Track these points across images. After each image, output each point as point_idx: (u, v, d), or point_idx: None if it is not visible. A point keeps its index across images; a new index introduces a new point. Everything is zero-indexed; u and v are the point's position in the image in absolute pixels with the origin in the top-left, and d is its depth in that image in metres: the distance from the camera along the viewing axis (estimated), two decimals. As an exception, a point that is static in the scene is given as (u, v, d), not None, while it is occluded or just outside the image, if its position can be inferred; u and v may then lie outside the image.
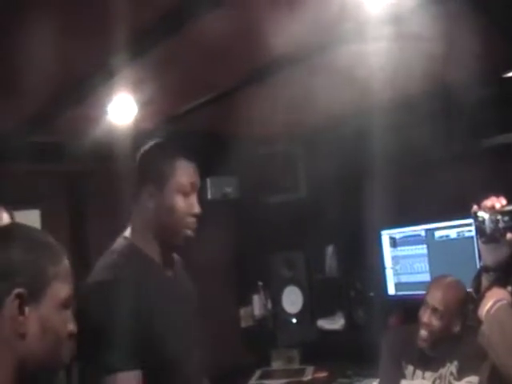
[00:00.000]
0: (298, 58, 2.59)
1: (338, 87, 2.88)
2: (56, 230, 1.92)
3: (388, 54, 2.52)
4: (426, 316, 2.83)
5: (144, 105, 2.82)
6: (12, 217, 2.49)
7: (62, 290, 1.38)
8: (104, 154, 3.26)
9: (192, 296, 2.20)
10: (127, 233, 2.06)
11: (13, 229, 1.47)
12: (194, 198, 2.03)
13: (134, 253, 2.00)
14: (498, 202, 1.88)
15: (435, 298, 2.83)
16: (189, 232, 2.02)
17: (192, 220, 2.02)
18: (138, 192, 2.03)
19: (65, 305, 1.39)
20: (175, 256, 2.22)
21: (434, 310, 2.80)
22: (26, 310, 1.30)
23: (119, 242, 2.04)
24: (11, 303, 1.28)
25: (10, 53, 2.13)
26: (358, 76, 2.75)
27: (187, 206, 2.00)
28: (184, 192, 2.00)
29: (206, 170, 4.04)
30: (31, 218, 3.39)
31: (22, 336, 1.30)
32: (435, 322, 2.80)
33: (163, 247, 2.04)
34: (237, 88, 2.88)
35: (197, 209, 2.03)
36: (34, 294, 1.32)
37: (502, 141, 3.28)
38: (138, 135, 3.20)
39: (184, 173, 2.01)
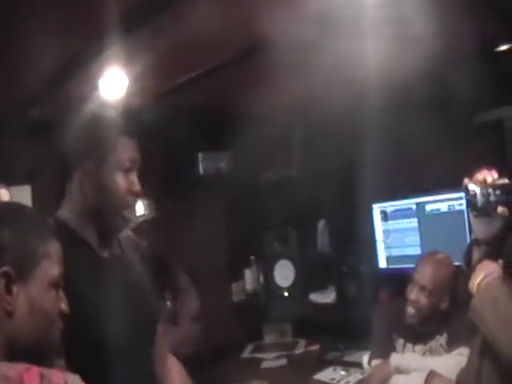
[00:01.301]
0: (293, 35, 2.58)
1: (333, 66, 2.88)
2: (47, 206, 1.91)
3: (382, 35, 2.51)
4: (413, 293, 2.83)
5: (136, 80, 2.81)
6: (9, 193, 2.48)
7: (51, 269, 1.38)
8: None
9: (135, 281, 2.01)
10: (58, 211, 1.92)
11: (3, 208, 1.47)
12: (134, 175, 1.90)
13: (59, 231, 1.76)
14: (490, 176, 1.89)
15: (423, 275, 2.83)
16: (128, 213, 1.91)
17: (132, 199, 1.91)
18: (71, 170, 1.89)
19: (54, 284, 1.39)
20: (125, 237, 2.09)
21: (422, 288, 2.81)
22: (14, 288, 1.30)
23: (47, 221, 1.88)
24: None
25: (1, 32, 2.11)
26: (352, 55, 2.74)
27: (127, 183, 1.87)
28: (123, 169, 1.86)
29: (198, 144, 4.08)
30: (22, 193, 3.38)
31: (10, 314, 1.30)
32: (423, 300, 2.81)
33: (98, 227, 1.90)
34: (230, 63, 2.86)
35: (137, 187, 1.90)
36: (22, 272, 1.31)
37: (494, 115, 3.28)
38: (130, 110, 3.20)
39: (123, 148, 1.87)
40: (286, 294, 4.37)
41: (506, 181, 1.87)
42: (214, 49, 2.69)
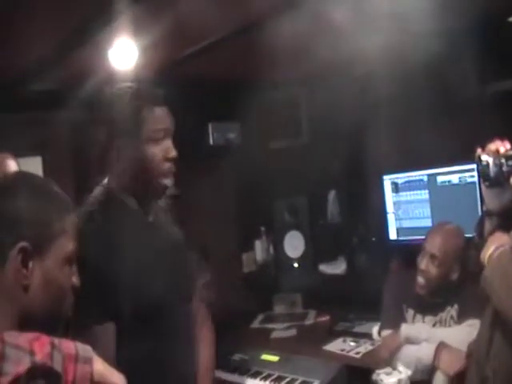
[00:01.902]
0: (300, 3, 2.56)
1: (340, 33, 2.84)
2: (58, 177, 1.92)
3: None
4: (423, 263, 2.84)
5: (145, 50, 2.79)
6: (18, 165, 2.49)
7: (67, 245, 1.39)
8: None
9: (177, 242, 2.16)
10: (105, 181, 2.02)
11: (20, 180, 1.45)
12: (168, 143, 1.97)
13: (110, 199, 1.97)
14: (503, 146, 1.88)
15: (433, 244, 2.83)
16: (167, 181, 1.98)
17: (168, 165, 1.97)
18: (108, 145, 1.97)
19: (69, 260, 1.40)
20: (162, 203, 2.18)
21: (432, 257, 2.81)
22: (30, 263, 1.31)
23: (97, 190, 2.01)
24: (15, 256, 1.29)
25: (8, 2, 2.09)
26: (360, 22, 2.71)
27: (162, 151, 1.94)
28: (156, 139, 1.93)
29: (208, 115, 4.07)
30: (33, 164, 3.39)
31: (26, 288, 1.31)
32: (433, 269, 2.81)
33: (141, 194, 2.00)
34: (238, 33, 2.84)
35: (172, 153, 1.96)
36: (38, 247, 1.32)
37: (506, 86, 3.25)
38: (140, 81, 3.19)
39: (154, 119, 1.94)
40: (296, 264, 4.39)
41: (518, 151, 1.86)
42: (222, 20, 2.67)
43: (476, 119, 3.31)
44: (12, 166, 2.45)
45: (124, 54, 2.78)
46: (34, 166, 3.39)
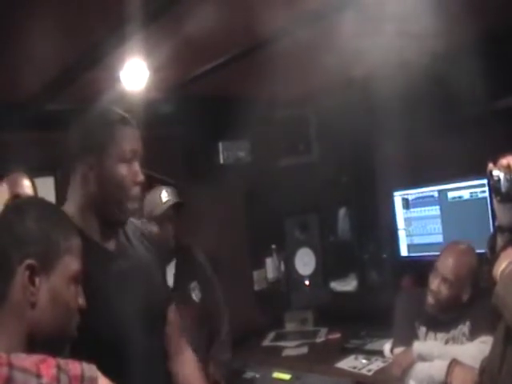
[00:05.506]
0: (307, 21, 2.58)
1: (347, 49, 2.86)
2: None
3: (396, 15, 2.50)
4: (435, 284, 2.83)
5: (156, 70, 2.81)
6: (33, 184, 2.49)
7: (72, 264, 1.42)
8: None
9: (144, 268, 2.03)
10: (64, 206, 1.93)
11: (28, 202, 1.53)
12: (136, 166, 1.91)
13: None
14: (514, 161, 1.88)
15: (446, 266, 2.82)
16: (133, 204, 1.92)
17: (136, 189, 1.92)
18: (74, 165, 1.91)
19: (75, 279, 1.43)
20: (129, 225, 2.08)
21: (444, 279, 2.80)
22: (37, 280, 1.34)
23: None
24: (23, 272, 1.33)
25: (22, 22, 2.12)
26: (366, 38, 2.72)
27: (130, 174, 1.89)
28: (125, 160, 1.88)
29: (218, 134, 4.09)
30: (46, 185, 3.40)
31: (33, 305, 1.34)
32: (444, 291, 2.80)
33: (104, 221, 1.92)
34: (248, 52, 2.86)
35: (140, 177, 1.91)
36: (45, 265, 1.36)
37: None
38: (151, 101, 3.21)
39: (124, 139, 1.89)
40: (307, 282, 4.38)
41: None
42: (231, 40, 2.69)
43: (485, 134, 3.31)
44: (26, 185, 2.46)
45: (135, 74, 2.81)
46: (47, 186, 3.41)
